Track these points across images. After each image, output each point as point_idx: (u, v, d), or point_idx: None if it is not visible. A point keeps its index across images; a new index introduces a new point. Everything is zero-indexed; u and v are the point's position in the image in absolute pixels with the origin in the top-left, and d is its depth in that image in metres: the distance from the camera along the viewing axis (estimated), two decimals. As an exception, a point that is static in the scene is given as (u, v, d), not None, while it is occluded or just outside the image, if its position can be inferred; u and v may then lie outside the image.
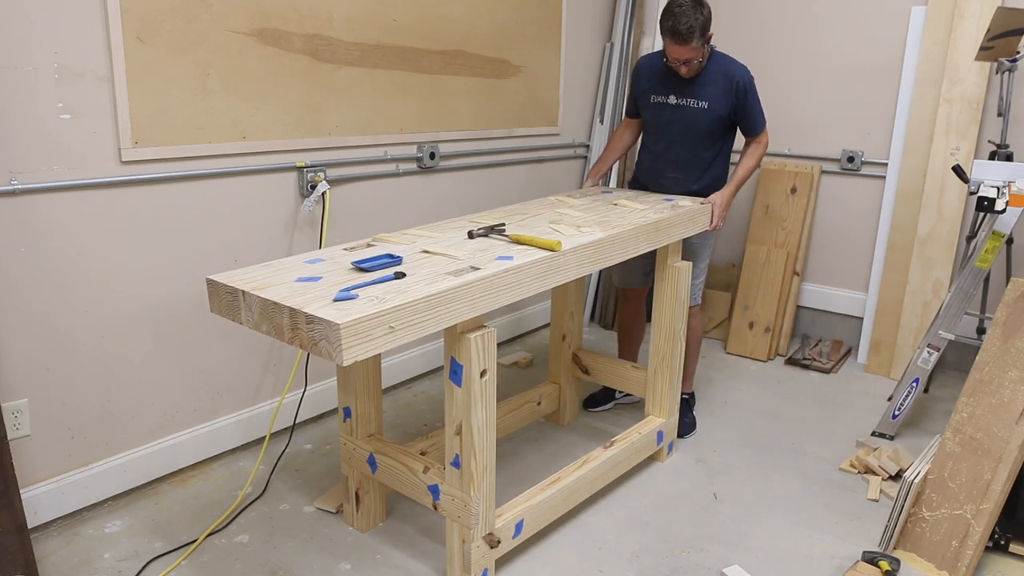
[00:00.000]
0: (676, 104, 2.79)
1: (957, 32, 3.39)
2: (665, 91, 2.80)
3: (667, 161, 2.88)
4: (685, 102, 2.77)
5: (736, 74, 2.75)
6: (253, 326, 1.78)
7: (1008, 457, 2.12)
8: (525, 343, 4.05)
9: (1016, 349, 2.20)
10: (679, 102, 2.78)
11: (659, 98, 2.82)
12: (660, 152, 2.90)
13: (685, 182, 2.87)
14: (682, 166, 2.86)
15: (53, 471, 2.34)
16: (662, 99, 2.81)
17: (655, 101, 2.82)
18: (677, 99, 2.78)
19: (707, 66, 2.74)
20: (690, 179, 2.87)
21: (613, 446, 2.52)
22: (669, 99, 2.80)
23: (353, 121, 2.97)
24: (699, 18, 2.55)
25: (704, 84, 2.75)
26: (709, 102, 2.75)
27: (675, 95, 2.78)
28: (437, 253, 2.06)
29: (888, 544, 2.28)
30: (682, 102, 2.78)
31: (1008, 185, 2.68)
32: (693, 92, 2.76)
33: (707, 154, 2.84)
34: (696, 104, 2.76)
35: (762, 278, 3.92)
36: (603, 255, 2.24)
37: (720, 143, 2.86)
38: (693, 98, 2.76)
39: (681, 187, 2.88)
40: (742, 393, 3.42)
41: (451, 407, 1.96)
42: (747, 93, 2.76)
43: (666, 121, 2.83)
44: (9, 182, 2.11)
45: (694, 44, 2.57)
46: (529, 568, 2.21)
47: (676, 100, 2.78)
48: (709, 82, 2.74)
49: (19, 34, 2.07)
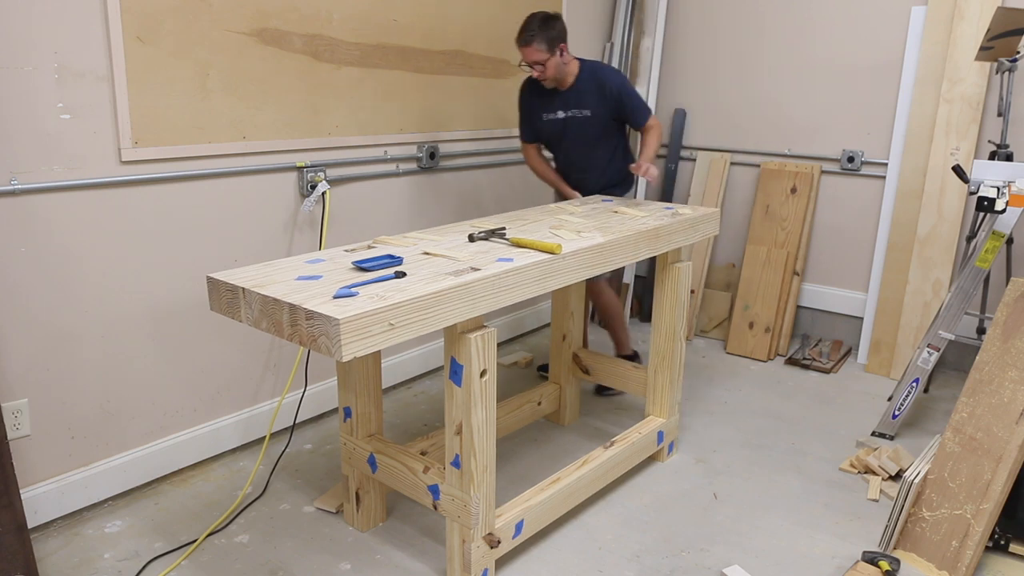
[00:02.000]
0: (565, 117, 3.07)
1: (957, 32, 3.39)
2: (552, 107, 3.08)
3: (571, 165, 3.21)
4: (571, 113, 3.06)
5: (606, 80, 3.01)
6: (253, 323, 1.79)
7: (1008, 457, 2.12)
8: (525, 343, 4.05)
9: (1016, 349, 2.20)
10: (567, 114, 3.06)
11: (549, 115, 3.09)
12: (563, 160, 3.23)
13: (589, 180, 3.18)
14: (586, 167, 3.17)
15: (53, 471, 2.34)
16: (552, 115, 3.09)
17: (548, 119, 3.10)
18: (564, 112, 3.07)
19: (580, 76, 3.03)
20: (593, 177, 3.17)
21: (613, 446, 2.52)
22: (558, 114, 3.08)
23: (353, 121, 2.98)
24: (545, 30, 2.88)
25: (582, 93, 3.03)
26: (591, 109, 3.03)
27: (562, 109, 3.07)
28: (438, 255, 2.07)
29: (888, 544, 2.28)
30: (569, 114, 3.06)
31: (1008, 185, 2.68)
32: (576, 102, 3.04)
33: (603, 153, 3.13)
34: (581, 113, 3.04)
35: (762, 278, 3.92)
36: (603, 259, 2.25)
37: (614, 141, 3.14)
38: (577, 108, 3.05)
39: (589, 184, 3.18)
40: (742, 393, 3.42)
41: (451, 407, 1.96)
42: (620, 94, 3.01)
43: (560, 133, 3.12)
44: (9, 182, 2.11)
45: (535, 46, 2.87)
46: (529, 568, 2.21)
47: (564, 113, 3.07)
48: (586, 91, 3.02)
49: (19, 34, 2.07)
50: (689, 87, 4.25)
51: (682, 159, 4.33)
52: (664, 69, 4.30)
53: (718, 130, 4.19)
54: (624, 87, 3.03)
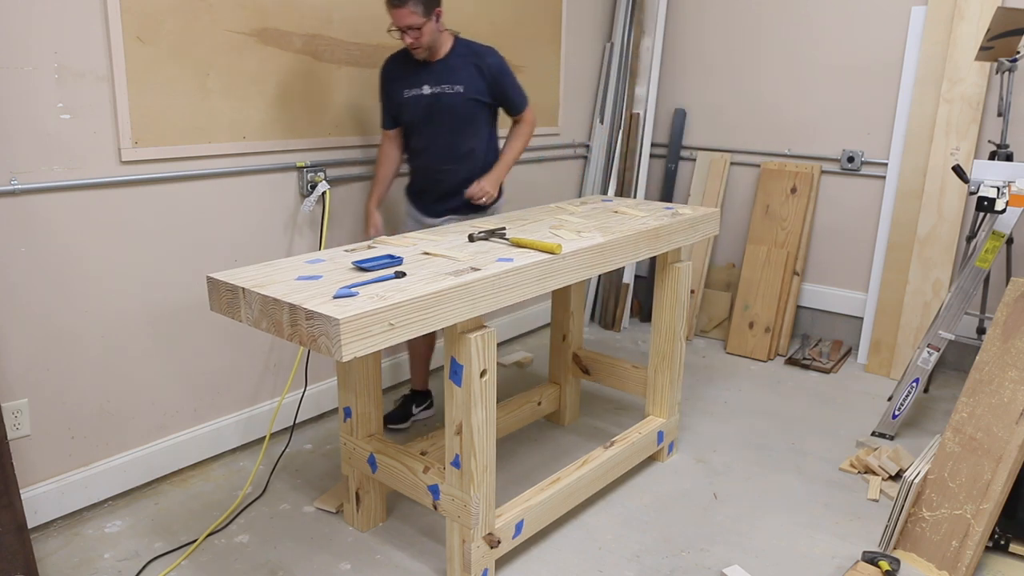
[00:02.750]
0: (432, 93, 2.68)
1: (957, 32, 3.39)
2: (417, 82, 2.69)
3: (436, 155, 2.77)
4: (440, 88, 2.68)
5: (484, 54, 2.72)
6: (253, 323, 1.79)
7: (1008, 457, 2.11)
8: (525, 343, 4.05)
9: (1016, 349, 2.20)
10: (434, 90, 2.68)
11: (413, 91, 2.69)
12: (426, 147, 2.78)
13: (459, 172, 2.78)
14: (453, 156, 2.76)
15: (53, 471, 2.34)
16: (416, 91, 2.69)
17: (409, 95, 2.69)
18: (431, 87, 2.68)
19: (455, 50, 2.70)
20: (458, 174, 2.78)
21: (613, 446, 2.52)
22: (423, 89, 2.68)
23: (353, 121, 2.98)
24: None
25: (454, 68, 2.69)
26: (464, 85, 2.68)
27: (428, 84, 2.68)
28: (438, 255, 2.07)
29: (888, 544, 2.28)
30: (437, 89, 2.68)
31: (1008, 185, 2.68)
32: (446, 77, 2.68)
33: (474, 142, 2.77)
34: (452, 88, 2.68)
35: (762, 278, 3.92)
36: (603, 259, 2.25)
37: (485, 131, 2.80)
38: (448, 83, 2.68)
39: (457, 177, 2.78)
40: (742, 393, 3.42)
41: (451, 407, 1.96)
42: (500, 73, 2.73)
43: (425, 113, 2.70)
44: (9, 182, 2.11)
45: (410, 8, 2.49)
46: (529, 568, 2.21)
47: (431, 89, 2.68)
48: (460, 66, 2.69)
49: (19, 34, 2.07)
50: (689, 87, 4.25)
51: (682, 159, 4.33)
52: (664, 69, 4.30)
53: (718, 130, 4.19)
54: (504, 67, 2.75)
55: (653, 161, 4.40)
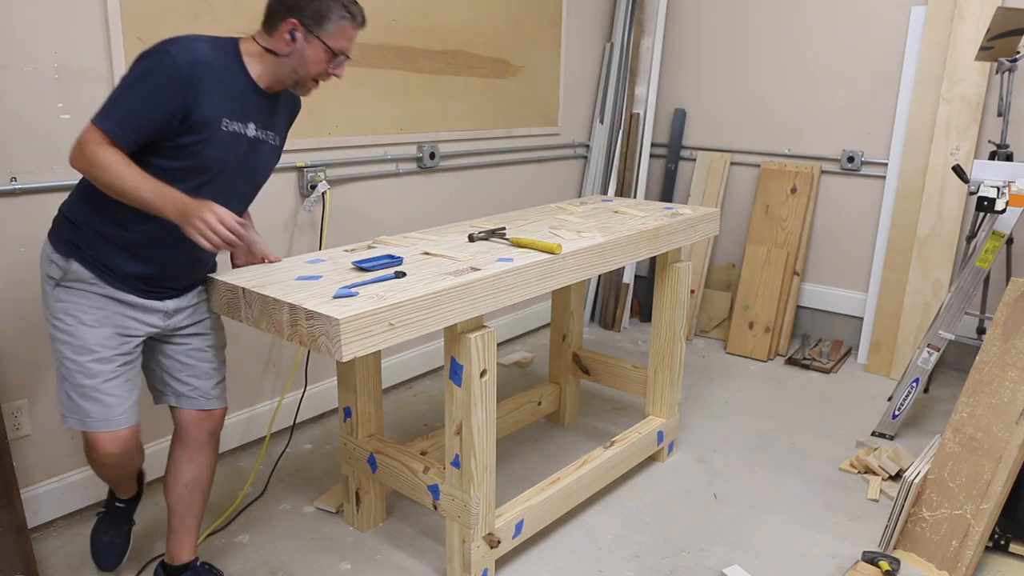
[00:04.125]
0: (254, 138, 1.82)
1: (957, 32, 3.39)
2: (245, 115, 1.78)
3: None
4: (264, 136, 1.86)
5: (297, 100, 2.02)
6: (252, 323, 1.79)
7: (1008, 457, 2.11)
8: (525, 343, 4.05)
9: (1016, 349, 2.20)
10: (258, 135, 1.83)
11: (234, 125, 1.75)
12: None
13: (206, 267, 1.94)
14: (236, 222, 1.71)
15: (53, 471, 2.33)
16: (237, 127, 1.76)
17: (229, 129, 1.74)
18: (257, 130, 1.82)
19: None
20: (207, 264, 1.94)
21: (613, 446, 2.52)
22: (248, 128, 1.79)
23: (353, 121, 2.98)
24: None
25: (278, 112, 1.91)
26: (280, 138, 1.95)
27: (255, 124, 1.81)
28: (438, 255, 2.07)
29: (888, 544, 2.28)
30: (260, 136, 1.84)
31: (1008, 185, 2.68)
32: (273, 122, 1.89)
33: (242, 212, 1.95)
34: (273, 140, 1.90)
35: (762, 278, 3.92)
36: (603, 259, 2.25)
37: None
38: (271, 130, 1.88)
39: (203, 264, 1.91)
40: (742, 393, 3.42)
41: (451, 407, 1.96)
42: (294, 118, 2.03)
43: (233, 165, 1.80)
44: (9, 182, 2.11)
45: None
46: (529, 568, 2.21)
47: (256, 132, 1.82)
48: (282, 109, 1.93)
49: (19, 34, 2.07)
50: (689, 87, 4.25)
51: (682, 159, 4.33)
52: (664, 69, 4.30)
53: (718, 130, 4.19)
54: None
55: (653, 161, 4.40)
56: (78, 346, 1.76)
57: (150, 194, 1.64)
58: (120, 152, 1.64)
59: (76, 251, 1.76)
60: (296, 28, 1.75)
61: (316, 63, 1.79)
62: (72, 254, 1.76)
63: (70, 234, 1.77)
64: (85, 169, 1.65)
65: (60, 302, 1.76)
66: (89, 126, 1.64)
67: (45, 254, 1.79)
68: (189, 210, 1.64)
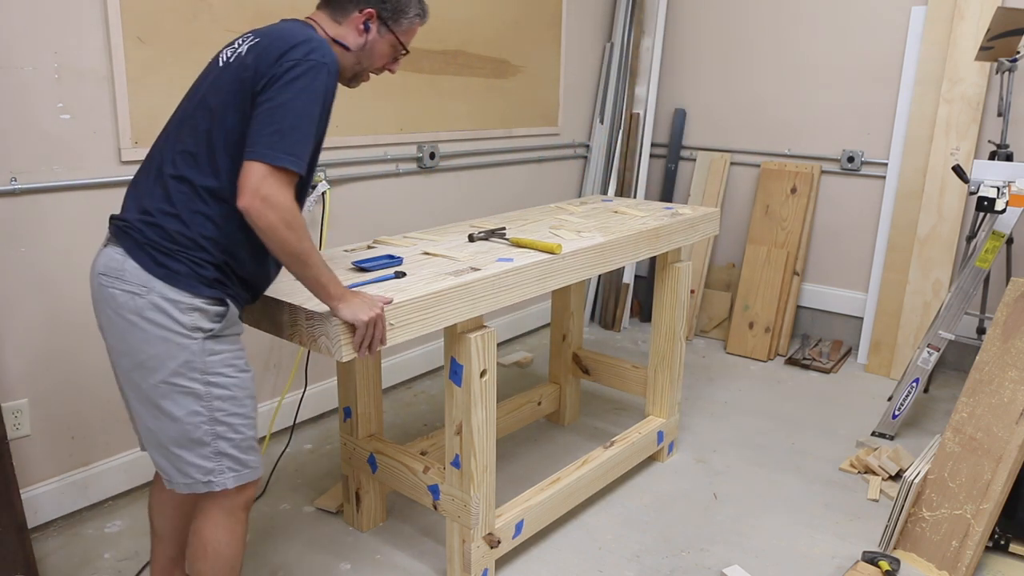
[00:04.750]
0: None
1: (957, 32, 3.39)
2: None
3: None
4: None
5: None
6: (253, 323, 1.79)
7: (1008, 457, 2.11)
8: (525, 343, 4.05)
9: (1016, 349, 2.20)
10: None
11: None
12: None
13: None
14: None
15: (53, 471, 2.33)
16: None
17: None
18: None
19: None
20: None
21: (613, 446, 2.52)
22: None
23: (353, 121, 2.97)
24: None
25: None
26: None
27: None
28: (438, 255, 2.07)
29: (888, 544, 2.28)
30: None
31: (1008, 185, 2.68)
32: None
33: None
34: None
35: (762, 278, 3.92)
36: (603, 259, 2.25)
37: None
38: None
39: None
40: (742, 393, 3.42)
41: (451, 407, 1.96)
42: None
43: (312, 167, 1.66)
44: (9, 182, 2.11)
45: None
46: (529, 568, 2.21)
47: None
48: None
49: (19, 34, 2.07)
50: (689, 87, 4.25)
51: (682, 159, 4.33)
52: (664, 69, 4.29)
53: (718, 130, 4.19)
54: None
55: (653, 161, 4.40)
56: (244, 397, 1.56)
57: (327, 273, 1.51)
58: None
59: (224, 289, 1.54)
60: (372, 19, 1.66)
61: (382, 57, 1.72)
62: (227, 295, 1.54)
63: (216, 272, 1.51)
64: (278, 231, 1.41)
65: (215, 355, 1.51)
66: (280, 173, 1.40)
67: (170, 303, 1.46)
68: (359, 302, 1.54)
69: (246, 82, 1.48)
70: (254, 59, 1.49)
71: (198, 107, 1.54)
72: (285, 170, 1.42)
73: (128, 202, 1.58)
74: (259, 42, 1.53)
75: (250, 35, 1.59)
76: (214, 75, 1.56)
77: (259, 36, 1.56)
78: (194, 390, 1.50)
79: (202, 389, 1.51)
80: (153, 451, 1.59)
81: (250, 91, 1.48)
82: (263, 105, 1.45)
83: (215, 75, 1.55)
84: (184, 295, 1.48)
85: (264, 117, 1.43)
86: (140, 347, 1.48)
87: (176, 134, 1.55)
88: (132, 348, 1.49)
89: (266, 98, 1.45)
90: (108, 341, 1.55)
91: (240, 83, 1.49)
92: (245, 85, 1.48)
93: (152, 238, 1.49)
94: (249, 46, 1.53)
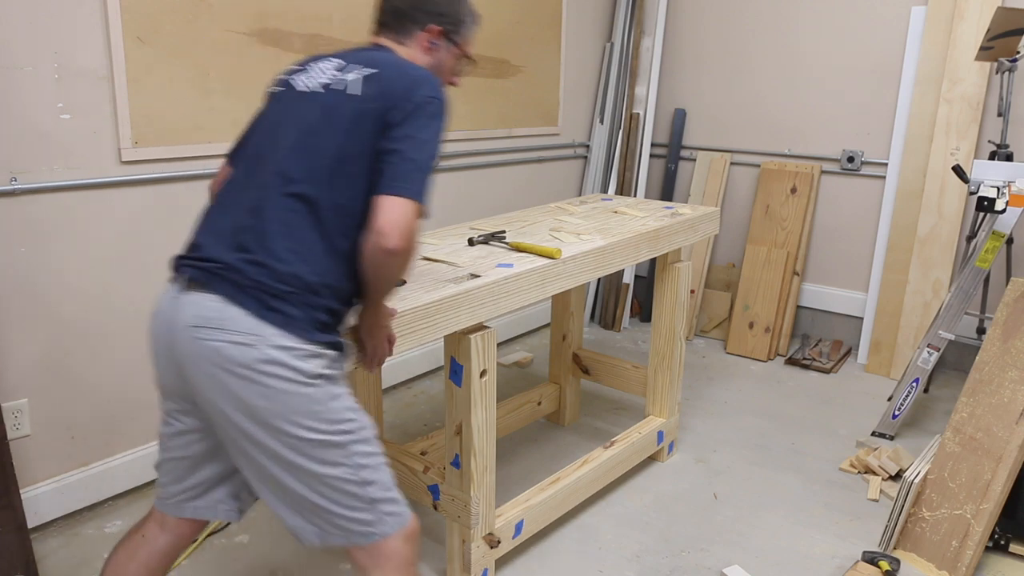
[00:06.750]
0: None
1: (957, 32, 3.39)
2: None
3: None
4: None
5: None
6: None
7: (1008, 457, 2.12)
8: (525, 343, 4.05)
9: (1016, 349, 2.20)
10: None
11: None
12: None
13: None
14: None
15: (53, 471, 2.33)
16: None
17: None
18: None
19: None
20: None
21: (613, 446, 2.52)
22: None
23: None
24: None
25: None
26: None
27: None
28: (437, 260, 2.06)
29: (888, 544, 2.28)
30: None
31: (1008, 185, 2.68)
32: None
33: None
34: None
35: (762, 278, 3.92)
36: (603, 262, 2.24)
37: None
38: None
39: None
40: (742, 393, 3.42)
41: (451, 407, 1.96)
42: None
43: None
44: (9, 182, 2.11)
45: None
46: (529, 568, 2.21)
47: None
48: None
49: (19, 34, 2.07)
50: (689, 87, 4.25)
51: (682, 159, 4.33)
52: (664, 69, 4.29)
53: (718, 130, 4.19)
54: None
55: (653, 161, 4.40)
56: (372, 436, 1.47)
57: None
58: None
59: (337, 330, 1.48)
60: (438, 36, 1.63)
61: (449, 72, 1.69)
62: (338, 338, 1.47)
63: (325, 315, 1.42)
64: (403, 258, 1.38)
65: (337, 399, 1.42)
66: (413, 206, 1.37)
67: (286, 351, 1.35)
68: (386, 324, 1.56)
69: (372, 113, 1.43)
70: (378, 91, 1.44)
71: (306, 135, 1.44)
72: (421, 206, 1.40)
73: (208, 239, 1.44)
74: (378, 73, 1.47)
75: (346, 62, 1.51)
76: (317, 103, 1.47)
77: (371, 65, 1.49)
78: (330, 440, 1.39)
79: (338, 438, 1.40)
80: (286, 511, 1.46)
81: (382, 122, 1.42)
82: (404, 141, 1.41)
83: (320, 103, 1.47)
84: (299, 341, 1.36)
85: (407, 153, 1.40)
86: (260, 403, 1.35)
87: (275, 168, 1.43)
88: (250, 406, 1.35)
89: (404, 134, 1.41)
90: (211, 400, 1.38)
91: (361, 114, 1.43)
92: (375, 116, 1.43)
93: (258, 279, 1.35)
94: (364, 76, 1.47)
